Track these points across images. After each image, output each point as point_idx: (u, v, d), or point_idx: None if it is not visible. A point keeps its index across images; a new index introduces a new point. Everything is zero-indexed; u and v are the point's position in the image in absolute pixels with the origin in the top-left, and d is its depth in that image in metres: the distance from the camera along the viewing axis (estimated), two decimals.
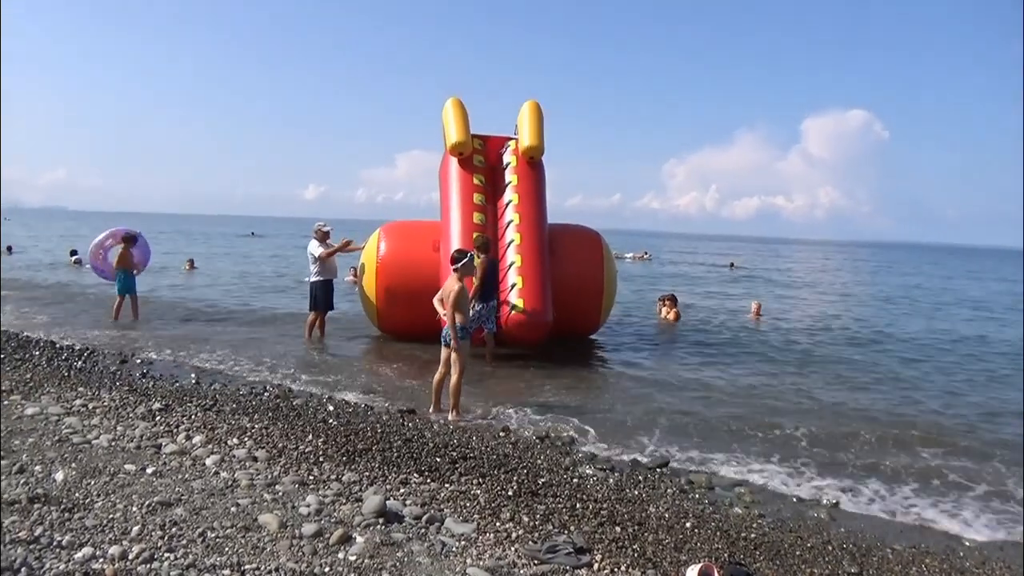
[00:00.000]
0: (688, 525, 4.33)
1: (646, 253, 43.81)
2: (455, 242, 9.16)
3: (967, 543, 4.65)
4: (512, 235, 9.46)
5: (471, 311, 7.65)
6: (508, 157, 10.23)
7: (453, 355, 6.59)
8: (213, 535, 3.57)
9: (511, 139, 10.48)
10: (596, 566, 3.65)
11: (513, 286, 9.08)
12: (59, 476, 4.23)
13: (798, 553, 4.10)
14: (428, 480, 4.78)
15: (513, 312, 8.93)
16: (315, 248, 10.40)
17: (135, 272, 12.26)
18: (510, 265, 9.24)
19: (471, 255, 6.90)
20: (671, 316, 13.86)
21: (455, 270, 6.63)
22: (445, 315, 6.57)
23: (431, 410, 6.91)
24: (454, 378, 6.66)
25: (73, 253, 23.60)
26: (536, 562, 3.61)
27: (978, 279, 39.23)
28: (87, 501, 3.89)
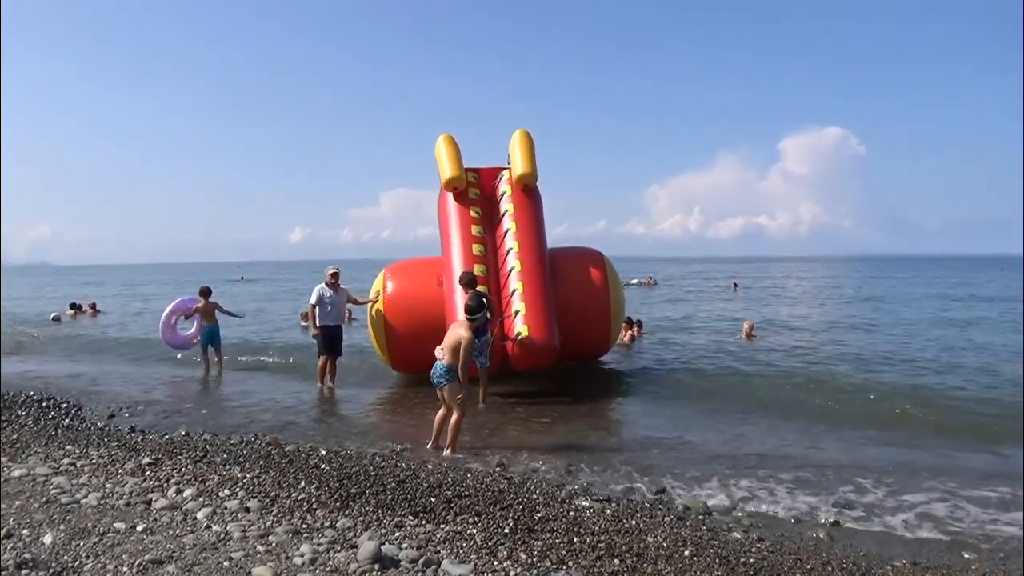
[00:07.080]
0: (687, 553, 4.30)
1: (650, 278, 44.24)
2: (457, 274, 9.18)
3: (968, 556, 4.63)
4: (512, 262, 9.50)
5: None
6: (503, 187, 10.32)
7: (447, 394, 6.60)
8: None
9: (504, 169, 10.56)
10: None
11: (517, 313, 9.10)
12: (47, 539, 4.16)
13: None
14: (423, 522, 4.73)
15: (519, 339, 8.92)
16: (316, 294, 10.22)
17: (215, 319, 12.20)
18: (512, 292, 9.28)
19: (485, 310, 7.01)
20: (625, 338, 14.08)
21: (471, 319, 6.70)
22: (442, 357, 6.56)
23: (429, 445, 6.91)
24: (454, 417, 6.66)
25: (73, 307, 23.06)
26: None
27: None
28: (76, 564, 3.82)
